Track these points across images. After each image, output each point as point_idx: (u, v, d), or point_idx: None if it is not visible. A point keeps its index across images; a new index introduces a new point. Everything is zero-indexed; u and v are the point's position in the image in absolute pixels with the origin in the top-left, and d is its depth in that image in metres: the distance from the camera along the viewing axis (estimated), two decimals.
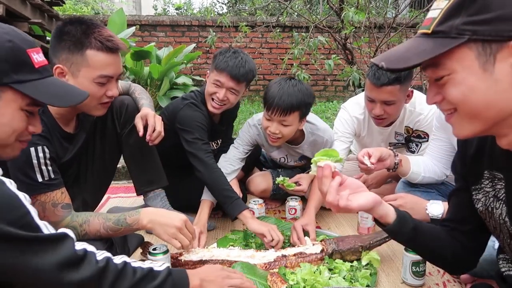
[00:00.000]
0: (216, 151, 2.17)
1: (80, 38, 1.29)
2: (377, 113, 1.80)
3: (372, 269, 1.45)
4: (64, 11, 7.06)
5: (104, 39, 1.31)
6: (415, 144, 2.02)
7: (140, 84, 3.38)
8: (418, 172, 1.73)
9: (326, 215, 2.13)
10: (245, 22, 4.52)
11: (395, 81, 1.70)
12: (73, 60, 1.30)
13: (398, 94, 1.74)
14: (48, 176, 1.30)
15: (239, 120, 4.39)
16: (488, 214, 0.91)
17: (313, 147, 2.02)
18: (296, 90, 1.72)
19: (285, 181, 1.90)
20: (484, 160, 0.91)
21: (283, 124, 1.76)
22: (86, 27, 1.31)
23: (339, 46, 3.83)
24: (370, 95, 1.80)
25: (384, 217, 1.00)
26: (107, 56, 1.33)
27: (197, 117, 1.84)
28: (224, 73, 1.79)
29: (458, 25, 0.68)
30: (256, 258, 1.50)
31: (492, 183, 0.89)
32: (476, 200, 0.94)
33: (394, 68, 0.72)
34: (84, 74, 1.31)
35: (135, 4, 12.68)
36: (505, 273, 0.93)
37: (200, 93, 1.96)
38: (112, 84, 1.38)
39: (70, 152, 1.48)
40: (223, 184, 1.76)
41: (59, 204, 1.32)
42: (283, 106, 1.70)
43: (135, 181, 1.82)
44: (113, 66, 1.35)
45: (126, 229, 1.36)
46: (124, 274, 0.90)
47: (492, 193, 0.89)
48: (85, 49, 1.29)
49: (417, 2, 6.37)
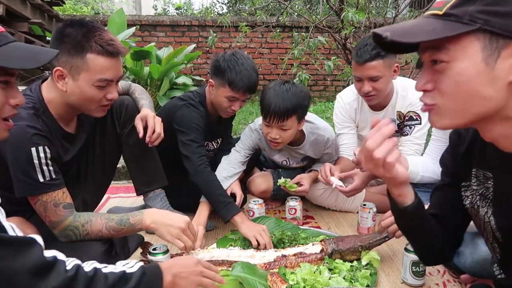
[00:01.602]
0: (216, 150, 2.17)
1: (81, 42, 1.28)
2: (366, 90, 1.83)
3: (372, 269, 1.45)
4: (64, 11, 7.06)
5: (105, 43, 1.30)
6: (408, 127, 2.03)
7: (140, 84, 3.38)
8: (416, 171, 1.73)
9: (326, 215, 2.13)
10: (245, 22, 4.52)
11: (377, 56, 1.74)
12: (73, 63, 1.29)
13: (382, 69, 1.77)
14: (49, 176, 1.30)
15: (239, 119, 4.39)
16: (474, 212, 0.91)
17: (314, 146, 2.02)
18: (291, 95, 1.73)
19: (286, 182, 1.90)
20: (475, 158, 0.90)
21: (283, 129, 1.78)
22: (87, 30, 1.30)
23: (339, 46, 3.83)
24: (356, 73, 1.84)
25: (403, 196, 0.92)
26: (108, 60, 1.32)
27: (194, 118, 1.84)
28: (241, 91, 1.79)
29: (472, 11, 0.66)
30: (256, 258, 1.50)
31: (480, 182, 0.89)
32: (465, 197, 0.94)
33: (398, 41, 0.67)
34: (84, 77, 1.31)
35: (135, 4, 12.68)
36: (498, 277, 0.93)
37: (199, 93, 1.96)
38: (112, 87, 1.38)
39: (70, 152, 1.48)
40: (216, 187, 1.77)
41: (60, 204, 1.32)
42: (279, 112, 1.72)
43: (135, 181, 1.82)
44: (113, 70, 1.34)
45: (129, 229, 1.36)
46: (95, 282, 0.86)
47: (479, 191, 0.89)
48: (86, 52, 1.29)
49: (417, 2, 6.36)
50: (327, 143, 2.01)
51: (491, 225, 0.87)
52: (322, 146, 2.03)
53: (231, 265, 1.39)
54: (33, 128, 1.27)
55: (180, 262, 1.07)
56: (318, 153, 2.06)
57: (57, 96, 1.36)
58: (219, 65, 1.80)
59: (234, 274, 1.33)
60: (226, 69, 1.77)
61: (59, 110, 1.39)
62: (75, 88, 1.32)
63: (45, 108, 1.36)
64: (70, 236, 1.34)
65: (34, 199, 1.31)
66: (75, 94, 1.33)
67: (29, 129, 1.26)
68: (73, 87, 1.32)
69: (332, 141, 2.02)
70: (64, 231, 1.34)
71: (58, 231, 1.34)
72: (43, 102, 1.36)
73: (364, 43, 1.77)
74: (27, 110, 1.27)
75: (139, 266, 0.96)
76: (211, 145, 2.11)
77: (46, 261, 0.79)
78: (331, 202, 2.16)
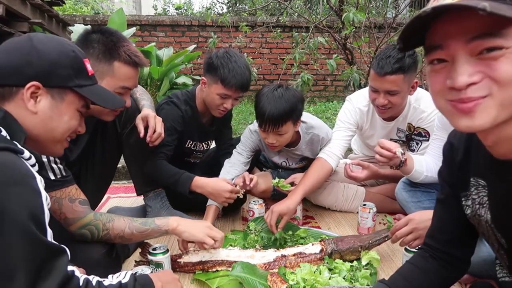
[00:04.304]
0: (209, 151, 2.16)
1: (111, 49, 1.37)
2: (381, 103, 1.79)
3: (372, 269, 1.45)
4: (64, 11, 7.06)
5: (132, 54, 1.39)
6: (415, 142, 2.01)
7: (140, 84, 3.36)
8: (421, 171, 1.72)
9: (326, 215, 2.13)
10: (245, 22, 4.52)
11: (398, 70, 1.70)
12: (99, 68, 1.34)
13: (401, 84, 1.73)
14: (60, 173, 1.30)
15: (239, 119, 4.39)
16: (476, 220, 0.91)
17: (310, 146, 2.02)
18: (284, 101, 1.72)
19: (280, 182, 1.90)
20: (470, 166, 0.90)
21: (279, 134, 1.77)
22: (117, 39, 1.39)
23: (339, 46, 3.83)
24: (374, 84, 1.80)
25: None
26: (132, 70, 1.42)
27: (170, 117, 1.81)
28: (233, 88, 1.78)
29: None
30: (256, 258, 1.50)
31: (476, 190, 0.89)
32: (466, 207, 0.94)
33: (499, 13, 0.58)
34: (107, 83, 1.36)
35: (135, 4, 12.68)
36: (501, 279, 0.93)
37: (188, 92, 1.95)
38: (127, 95, 1.47)
39: (74, 153, 1.49)
40: (169, 170, 1.77)
41: (76, 200, 1.31)
42: (273, 120, 1.71)
43: (135, 181, 1.82)
44: (134, 79, 1.45)
45: (153, 231, 1.37)
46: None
47: (477, 200, 0.89)
48: (113, 60, 1.37)
49: (417, 2, 6.37)
50: (322, 141, 2.00)
51: (494, 232, 0.86)
52: (317, 145, 2.02)
53: (231, 265, 1.39)
54: None
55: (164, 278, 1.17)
56: (314, 152, 2.05)
57: None
58: (212, 62, 1.80)
59: (234, 274, 1.33)
60: (219, 66, 1.78)
61: None
62: None
63: None
64: (85, 235, 1.32)
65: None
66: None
67: None
68: None
69: (327, 140, 2.01)
70: (81, 229, 1.31)
71: (76, 228, 1.31)
72: None
73: (387, 55, 1.71)
74: None
75: (130, 275, 1.05)
76: (200, 146, 2.10)
77: (68, 274, 0.85)
78: (331, 202, 2.16)
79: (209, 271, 1.47)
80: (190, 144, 2.04)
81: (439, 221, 1.03)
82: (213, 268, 1.47)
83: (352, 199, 2.13)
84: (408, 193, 1.82)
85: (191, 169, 1.97)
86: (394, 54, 1.70)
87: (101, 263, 1.33)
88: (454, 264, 1.01)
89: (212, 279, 1.42)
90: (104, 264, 1.35)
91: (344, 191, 2.14)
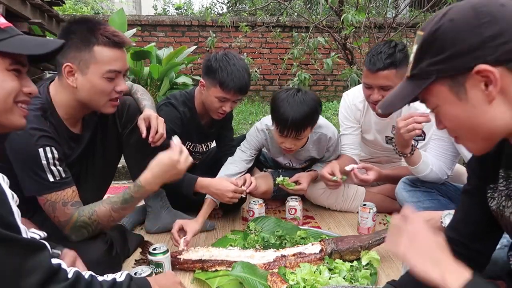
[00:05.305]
0: (209, 153, 2.16)
1: (87, 36, 1.31)
2: (375, 98, 1.80)
3: (372, 269, 1.45)
4: (64, 11, 7.06)
5: (110, 34, 1.33)
6: None
7: (140, 84, 3.38)
8: (427, 163, 1.73)
9: (326, 215, 2.13)
10: (245, 22, 4.52)
11: (390, 65, 1.71)
12: (81, 58, 1.31)
13: (394, 79, 1.74)
14: (59, 175, 1.30)
15: (239, 119, 4.39)
16: (500, 212, 0.92)
17: (318, 145, 2.02)
18: (305, 106, 1.71)
19: (285, 181, 1.90)
20: (502, 159, 0.91)
21: (298, 139, 1.78)
22: (92, 25, 1.33)
23: (339, 46, 3.83)
24: (367, 81, 1.82)
25: None
26: (114, 51, 1.35)
27: (168, 118, 1.78)
28: (232, 91, 1.77)
29: (424, 67, 0.77)
30: (255, 258, 1.50)
31: (506, 182, 0.90)
32: (491, 199, 0.95)
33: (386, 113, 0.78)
34: (93, 70, 1.33)
35: (135, 4, 12.68)
36: None
37: (187, 93, 1.95)
38: (120, 79, 1.40)
39: (75, 152, 1.49)
40: None
41: (68, 203, 1.32)
42: (296, 126, 1.71)
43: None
44: (120, 60, 1.37)
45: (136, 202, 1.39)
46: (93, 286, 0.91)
47: (505, 192, 0.90)
48: (93, 45, 1.31)
49: (417, 2, 6.36)
50: (330, 141, 2.01)
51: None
52: (324, 145, 2.02)
53: (231, 265, 1.39)
54: (39, 130, 1.27)
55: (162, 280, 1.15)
56: (321, 152, 2.06)
57: (67, 95, 1.37)
58: (211, 65, 1.79)
59: (234, 274, 1.33)
60: (218, 69, 1.76)
61: (67, 110, 1.40)
62: (85, 83, 1.33)
63: (52, 109, 1.37)
64: (83, 233, 1.34)
65: (43, 200, 1.31)
66: (85, 88, 1.34)
67: (34, 131, 1.26)
68: (83, 81, 1.33)
69: (334, 140, 2.02)
70: (73, 229, 1.32)
71: (68, 230, 1.33)
72: (51, 103, 1.37)
73: (378, 51, 1.73)
74: (34, 112, 1.27)
75: (125, 274, 1.02)
76: (199, 147, 2.10)
77: (52, 267, 0.82)
78: (331, 202, 2.16)
79: (208, 271, 1.47)
80: (189, 145, 2.04)
81: (463, 212, 1.04)
82: (213, 268, 1.47)
83: (352, 199, 2.13)
84: (408, 193, 1.82)
85: (191, 170, 1.96)
86: (385, 50, 1.72)
87: (101, 262, 1.34)
88: (474, 259, 1.00)
89: (212, 279, 1.42)
90: (104, 263, 1.35)
91: (344, 191, 2.14)
